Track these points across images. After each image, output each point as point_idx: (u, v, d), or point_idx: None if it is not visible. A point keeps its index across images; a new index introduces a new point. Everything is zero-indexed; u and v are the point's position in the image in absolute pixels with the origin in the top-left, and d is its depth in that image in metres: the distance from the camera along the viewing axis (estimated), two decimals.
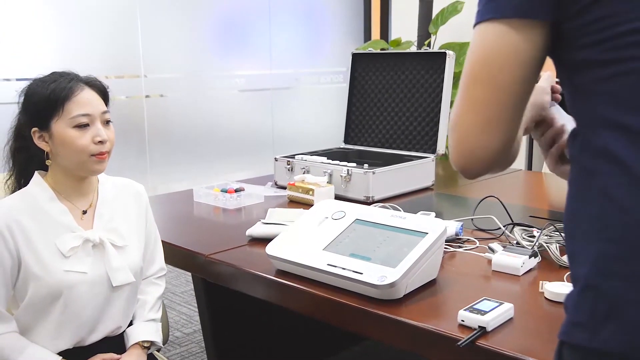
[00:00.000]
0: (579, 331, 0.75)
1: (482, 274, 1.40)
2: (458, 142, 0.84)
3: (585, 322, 0.75)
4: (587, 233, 0.76)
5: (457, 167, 0.87)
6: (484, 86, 0.81)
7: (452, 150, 0.86)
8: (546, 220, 1.75)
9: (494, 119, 0.81)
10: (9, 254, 1.33)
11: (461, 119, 0.83)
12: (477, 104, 0.81)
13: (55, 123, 1.35)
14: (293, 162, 2.32)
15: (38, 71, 1.43)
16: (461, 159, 0.85)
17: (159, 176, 4.20)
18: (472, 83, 0.82)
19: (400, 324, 1.19)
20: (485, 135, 0.82)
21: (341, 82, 5.12)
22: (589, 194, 0.77)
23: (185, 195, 2.28)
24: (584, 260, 0.76)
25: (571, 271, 0.81)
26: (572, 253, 0.81)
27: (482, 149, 0.83)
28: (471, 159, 0.84)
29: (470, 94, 0.82)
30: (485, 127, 0.82)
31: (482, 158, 0.84)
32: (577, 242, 0.79)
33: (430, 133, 2.42)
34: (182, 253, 1.68)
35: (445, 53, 2.38)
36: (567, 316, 0.79)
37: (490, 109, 0.81)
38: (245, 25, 4.61)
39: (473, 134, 0.82)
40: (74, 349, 1.41)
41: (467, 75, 0.83)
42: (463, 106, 0.83)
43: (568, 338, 0.78)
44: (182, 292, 3.50)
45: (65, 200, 1.42)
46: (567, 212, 0.82)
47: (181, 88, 4.30)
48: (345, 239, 1.43)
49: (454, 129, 0.85)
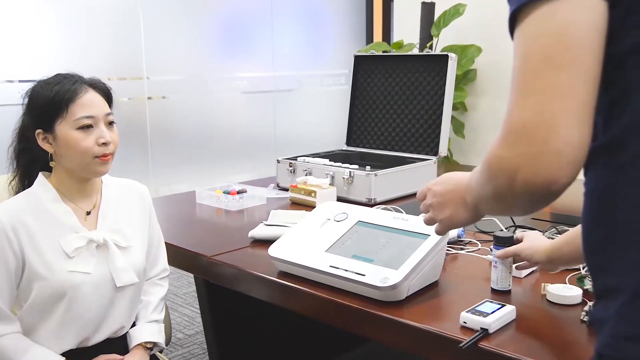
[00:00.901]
0: (632, 344, 0.69)
1: (484, 276, 1.40)
2: (543, 143, 0.67)
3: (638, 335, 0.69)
4: (630, 239, 0.70)
5: (543, 182, 0.68)
6: (570, 70, 0.68)
7: (529, 157, 0.68)
8: (548, 222, 1.75)
9: (586, 103, 0.68)
10: (14, 255, 1.34)
11: (545, 111, 0.68)
12: (566, 89, 0.68)
13: (59, 125, 1.36)
14: (295, 164, 2.33)
15: (41, 73, 1.43)
16: (550, 166, 0.67)
17: (161, 178, 4.21)
18: (551, 69, 0.68)
19: (403, 326, 1.19)
20: (578, 124, 0.68)
21: (343, 84, 5.13)
22: (627, 199, 0.70)
23: (187, 196, 2.29)
24: (628, 269, 0.71)
25: (598, 282, 0.76)
26: (603, 264, 0.75)
27: (576, 144, 0.67)
28: (563, 163, 0.67)
29: (551, 82, 0.68)
30: (582, 116, 0.68)
31: (576, 157, 0.68)
32: (612, 251, 0.73)
33: (432, 135, 2.42)
34: (185, 254, 1.68)
35: (448, 55, 2.38)
36: (609, 329, 0.73)
37: (582, 92, 0.68)
38: (248, 27, 4.62)
39: (566, 129, 0.67)
40: (78, 350, 1.42)
41: (536, 66, 0.69)
42: (544, 97, 0.68)
43: (617, 353, 0.71)
44: (184, 293, 3.50)
45: (69, 201, 1.43)
46: (592, 220, 0.76)
47: (183, 90, 4.31)
48: (347, 241, 1.43)
49: (530, 125, 0.68)
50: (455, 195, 1.06)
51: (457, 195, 1.06)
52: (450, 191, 1.08)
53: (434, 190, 1.13)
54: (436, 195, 1.11)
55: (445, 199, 1.09)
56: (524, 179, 0.69)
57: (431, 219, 1.14)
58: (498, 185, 0.73)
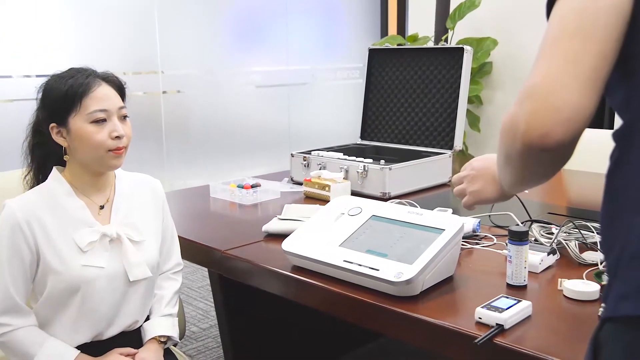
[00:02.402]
0: (626, 302, 0.73)
1: (499, 271, 1.38)
2: (544, 100, 0.72)
3: (633, 292, 0.73)
4: (634, 204, 0.75)
5: (538, 134, 0.73)
6: (580, 40, 0.73)
7: (533, 113, 0.73)
8: (565, 217, 1.73)
9: (590, 74, 0.73)
10: (28, 249, 1.35)
11: (551, 73, 0.73)
12: (572, 55, 0.73)
13: (72, 119, 1.36)
14: (309, 158, 2.32)
15: (58, 68, 1.43)
16: (546, 120, 0.72)
17: (176, 172, 4.22)
18: (564, 38, 0.74)
19: (417, 321, 1.18)
20: (580, 90, 0.72)
21: (358, 77, 5.10)
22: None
23: (201, 190, 2.29)
24: (630, 231, 0.75)
25: (606, 259, 0.79)
26: (609, 240, 0.79)
27: (574, 107, 0.72)
28: (559, 120, 0.72)
29: (563, 49, 0.74)
30: (582, 79, 0.72)
31: (573, 119, 0.72)
32: (624, 217, 0.76)
33: (447, 129, 2.40)
34: (199, 248, 1.68)
35: (463, 48, 2.36)
36: (612, 293, 0.76)
37: (588, 62, 0.73)
38: (262, 21, 4.61)
39: (568, 88, 0.72)
40: (92, 343, 1.42)
41: (555, 36, 0.75)
42: (552, 62, 0.73)
43: (613, 313, 0.75)
44: (198, 287, 3.51)
45: (82, 196, 1.43)
46: (611, 188, 0.80)
47: (198, 84, 4.32)
48: (361, 235, 1.42)
49: (539, 87, 0.73)
50: (488, 172, 1.19)
51: (489, 172, 1.18)
52: (485, 167, 1.20)
53: (472, 164, 1.25)
54: (473, 168, 1.24)
55: (479, 174, 1.22)
56: (522, 131, 0.74)
57: (462, 190, 1.27)
58: (506, 143, 0.79)
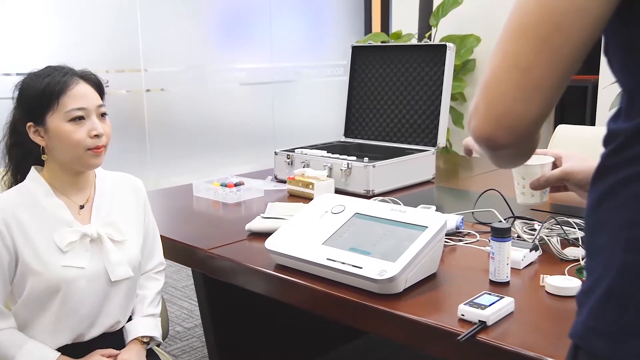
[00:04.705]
0: (600, 340, 0.68)
1: (482, 267, 1.39)
2: (488, 104, 0.71)
3: (607, 332, 0.68)
4: (615, 236, 0.68)
5: (482, 135, 0.73)
6: (534, 44, 0.68)
7: (479, 114, 0.73)
8: (547, 213, 1.74)
9: (540, 82, 0.69)
10: (6, 250, 1.33)
11: (499, 75, 0.70)
12: (523, 61, 0.69)
13: (50, 117, 1.34)
14: (293, 155, 2.31)
15: (39, 65, 1.41)
16: (489, 125, 0.72)
17: (160, 170, 4.20)
18: (520, 37, 0.69)
19: (400, 319, 1.18)
20: (525, 99, 0.69)
21: (342, 75, 5.10)
22: (622, 194, 0.68)
23: (184, 189, 2.27)
24: (608, 264, 0.69)
25: (588, 264, 0.73)
26: (594, 249, 0.72)
27: (517, 115, 0.70)
28: (501, 127, 0.71)
29: (515, 49, 0.69)
30: (529, 89, 0.69)
31: (514, 127, 0.71)
32: (601, 239, 0.70)
33: (430, 126, 2.40)
34: (182, 248, 1.67)
35: (446, 45, 2.36)
36: (582, 317, 0.71)
37: (539, 70, 0.69)
38: (246, 18, 4.59)
39: (511, 96, 0.69)
40: (73, 345, 1.41)
41: (514, 28, 0.70)
42: (503, 62, 0.70)
43: (586, 344, 0.71)
44: (182, 286, 3.49)
45: (61, 195, 1.41)
46: (594, 203, 0.73)
47: (182, 82, 4.29)
48: (344, 233, 1.42)
49: (486, 87, 0.72)
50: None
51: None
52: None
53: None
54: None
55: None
56: (472, 130, 0.74)
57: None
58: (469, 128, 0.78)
